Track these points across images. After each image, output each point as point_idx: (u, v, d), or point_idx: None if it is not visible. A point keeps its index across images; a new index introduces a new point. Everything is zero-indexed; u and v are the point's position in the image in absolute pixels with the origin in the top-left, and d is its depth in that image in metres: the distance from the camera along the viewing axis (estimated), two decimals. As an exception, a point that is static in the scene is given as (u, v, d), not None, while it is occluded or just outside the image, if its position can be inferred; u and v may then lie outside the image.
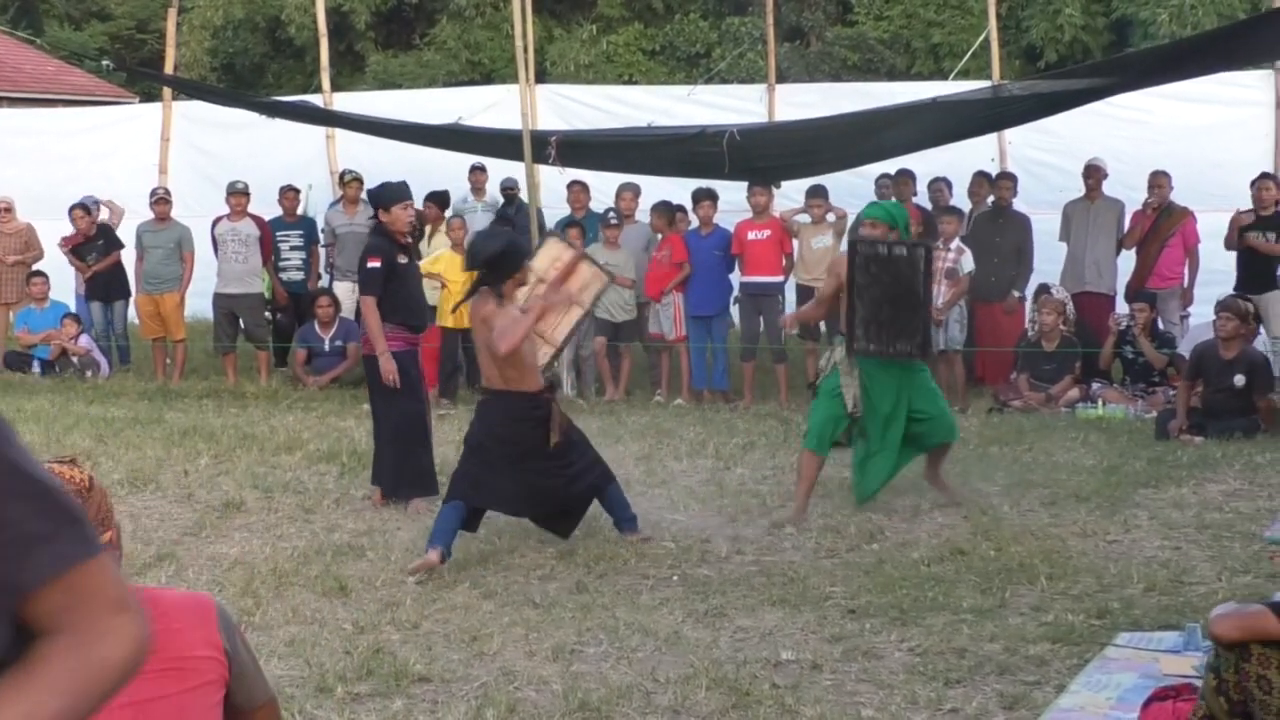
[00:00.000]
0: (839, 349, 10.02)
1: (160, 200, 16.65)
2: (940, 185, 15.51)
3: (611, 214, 15.44)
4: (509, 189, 16.72)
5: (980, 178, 15.80)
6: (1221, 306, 12.79)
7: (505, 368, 8.85)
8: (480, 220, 15.85)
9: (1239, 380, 12.52)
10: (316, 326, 16.10)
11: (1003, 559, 8.40)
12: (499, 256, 8.94)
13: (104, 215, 17.52)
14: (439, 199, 16.52)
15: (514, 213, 16.47)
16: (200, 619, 3.37)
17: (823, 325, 15.12)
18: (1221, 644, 4.75)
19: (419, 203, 16.30)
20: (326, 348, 16.09)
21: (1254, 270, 14.04)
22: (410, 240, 11.05)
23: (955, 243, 14.47)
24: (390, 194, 10.56)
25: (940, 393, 10.32)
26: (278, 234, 16.65)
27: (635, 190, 15.92)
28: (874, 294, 9.70)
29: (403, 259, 10.43)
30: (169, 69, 20.19)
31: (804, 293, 14.84)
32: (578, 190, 16.22)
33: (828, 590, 7.92)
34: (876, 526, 9.38)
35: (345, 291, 16.39)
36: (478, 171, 16.86)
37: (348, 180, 16.77)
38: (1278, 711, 4.62)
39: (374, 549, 9.01)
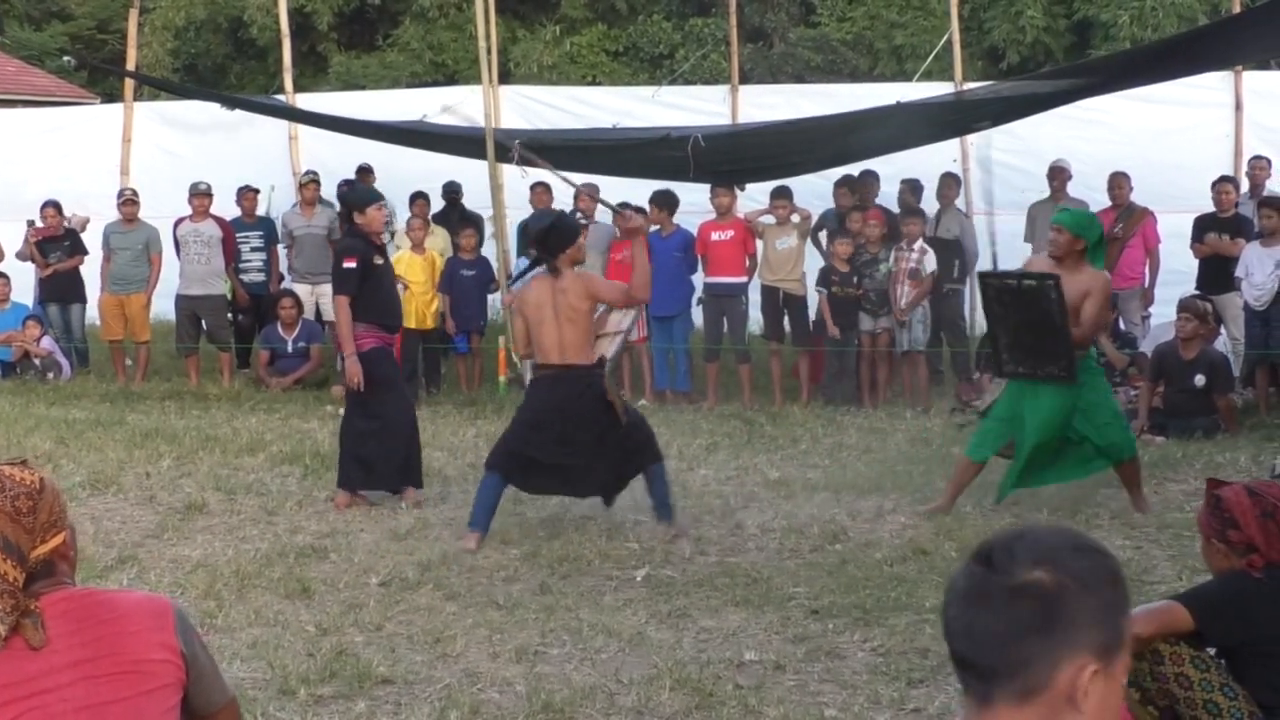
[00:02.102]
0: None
1: (128, 202, 16.51)
2: (905, 188, 15.52)
3: (580, 215, 15.44)
4: (452, 193, 16.70)
5: (947, 179, 15.83)
6: (1181, 307, 12.88)
7: (568, 339, 9.22)
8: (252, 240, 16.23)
9: (1199, 380, 12.60)
10: (279, 328, 16.04)
11: (965, 558, 8.41)
12: (546, 233, 9.47)
13: (70, 223, 17.39)
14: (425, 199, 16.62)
15: (457, 218, 16.38)
16: (158, 622, 3.36)
17: (787, 326, 15.14)
18: (1137, 643, 4.80)
19: (405, 204, 16.41)
20: (289, 349, 16.04)
21: (1213, 271, 14.11)
22: (384, 241, 11.15)
23: (919, 244, 14.52)
24: (363, 196, 10.68)
25: (1109, 411, 9.91)
26: (237, 235, 16.56)
27: (594, 190, 15.89)
28: (1011, 322, 9.69)
29: (378, 259, 10.51)
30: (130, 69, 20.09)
31: (768, 294, 14.87)
32: (540, 191, 16.21)
33: (791, 591, 7.94)
34: (839, 527, 9.40)
35: (304, 293, 16.34)
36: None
37: (305, 182, 16.71)
38: (1202, 704, 4.69)
39: (337, 551, 8.99)
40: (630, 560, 8.69)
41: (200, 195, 16.25)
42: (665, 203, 15.11)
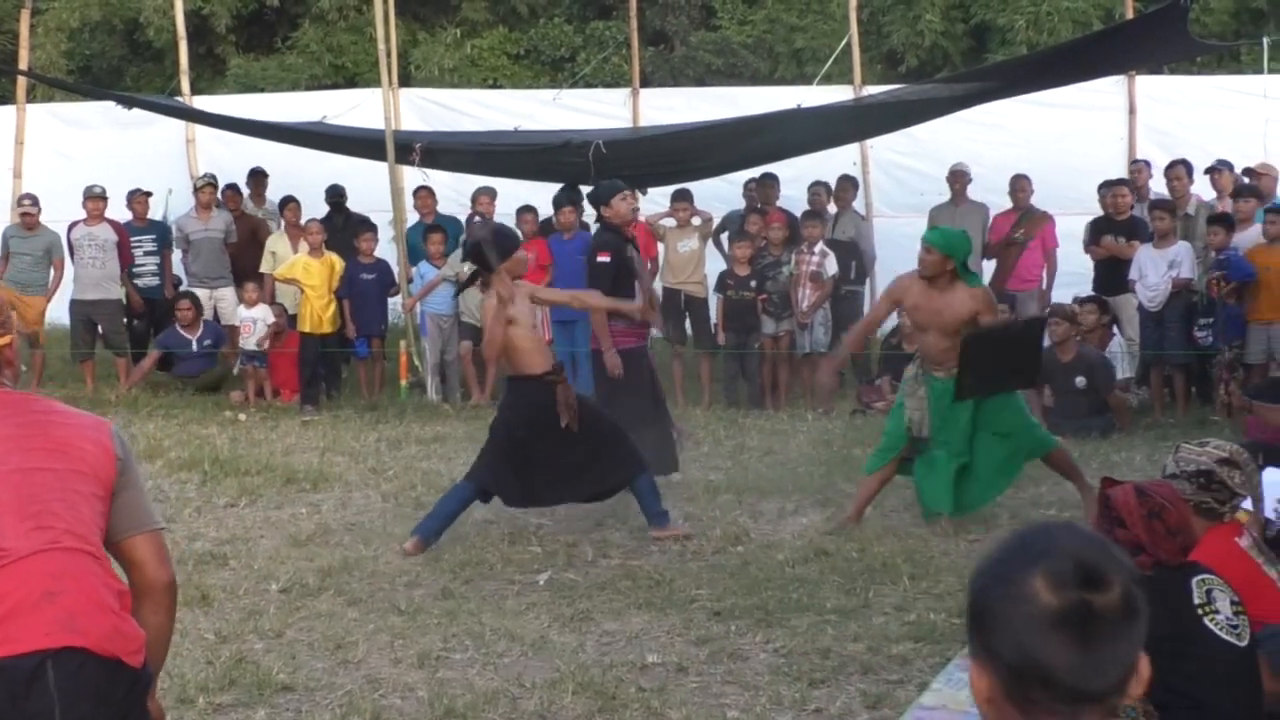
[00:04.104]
0: (912, 366, 9.90)
1: (26, 212, 16.11)
2: (819, 189, 15.61)
3: (478, 218, 15.38)
4: (336, 196, 16.54)
5: (845, 181, 15.94)
6: (1050, 312, 13.11)
7: (508, 354, 9.17)
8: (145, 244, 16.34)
9: (1080, 382, 12.80)
10: (180, 329, 15.79)
11: (866, 559, 8.49)
12: (474, 248, 9.42)
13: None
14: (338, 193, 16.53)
15: (342, 222, 16.21)
16: (95, 426, 3.68)
17: (689, 329, 15.17)
18: None
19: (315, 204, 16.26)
20: (195, 348, 15.78)
21: (1109, 273, 14.27)
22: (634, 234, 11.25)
23: (819, 246, 14.59)
24: (605, 190, 10.63)
25: (1023, 408, 9.89)
26: (131, 240, 16.29)
27: (492, 194, 15.84)
28: (990, 365, 9.45)
29: (630, 252, 10.48)
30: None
31: (669, 296, 14.86)
32: (424, 195, 16.12)
33: (693, 593, 7.95)
34: (742, 529, 9.44)
35: (203, 297, 16.15)
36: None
37: (201, 185, 16.50)
38: None
39: (236, 558, 8.91)
40: (533, 564, 8.67)
41: (95, 199, 15.97)
42: (573, 201, 15.09)
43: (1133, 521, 4.92)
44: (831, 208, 15.73)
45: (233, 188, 16.88)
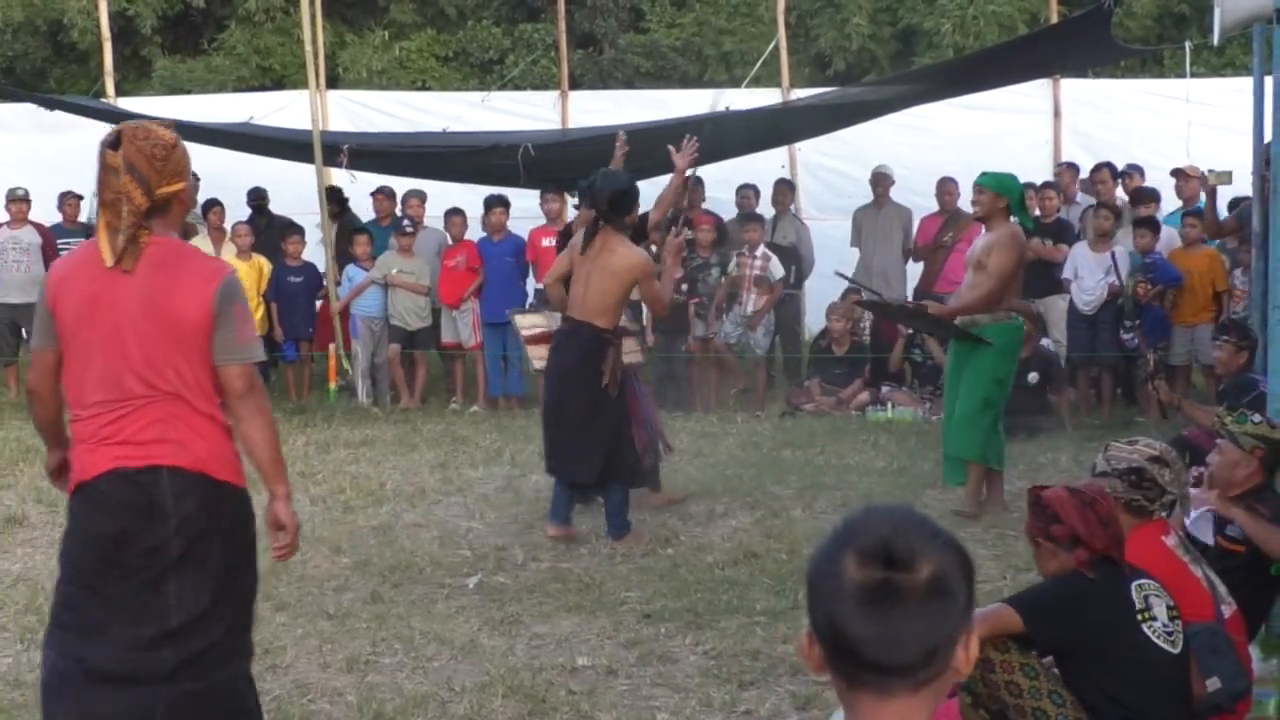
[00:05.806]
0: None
1: None
2: (747, 192, 15.62)
3: (406, 222, 15.33)
4: (259, 199, 16.44)
5: (782, 185, 15.98)
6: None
7: (592, 299, 9.24)
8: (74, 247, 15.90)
9: (1033, 378, 12.84)
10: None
11: (795, 561, 8.50)
12: (620, 195, 9.47)
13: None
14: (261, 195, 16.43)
15: (264, 225, 16.11)
16: (204, 283, 4.60)
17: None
18: None
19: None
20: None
21: (1037, 275, 14.36)
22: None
23: (760, 249, 14.62)
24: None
25: (982, 394, 9.86)
26: (59, 241, 16.11)
27: (422, 197, 15.80)
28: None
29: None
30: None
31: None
32: (380, 197, 16.09)
33: (623, 595, 7.95)
34: (671, 531, 9.44)
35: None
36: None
37: None
38: (1031, 711, 4.80)
39: (163, 563, 8.82)
40: (463, 568, 8.65)
41: (18, 201, 15.83)
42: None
43: (1067, 514, 4.96)
44: (768, 211, 15.76)
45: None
